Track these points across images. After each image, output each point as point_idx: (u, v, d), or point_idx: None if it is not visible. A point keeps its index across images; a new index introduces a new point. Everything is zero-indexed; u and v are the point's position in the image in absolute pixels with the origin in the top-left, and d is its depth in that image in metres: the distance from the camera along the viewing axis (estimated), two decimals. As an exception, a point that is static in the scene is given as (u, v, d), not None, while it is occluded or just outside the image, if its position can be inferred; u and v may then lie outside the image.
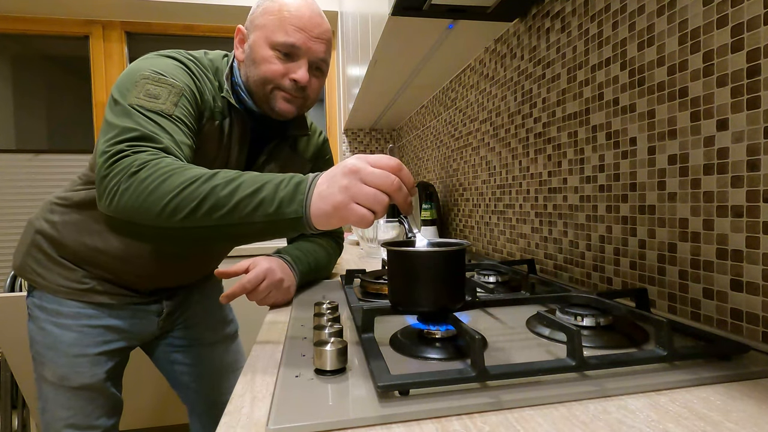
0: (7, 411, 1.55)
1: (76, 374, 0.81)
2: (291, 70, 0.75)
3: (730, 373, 0.40)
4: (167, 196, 0.52)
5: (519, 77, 1.07)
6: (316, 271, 0.89)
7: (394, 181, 0.46)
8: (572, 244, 0.87)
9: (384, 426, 0.34)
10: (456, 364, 0.44)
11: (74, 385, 0.81)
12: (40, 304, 0.82)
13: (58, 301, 0.81)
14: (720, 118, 0.56)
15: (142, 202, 0.53)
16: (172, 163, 0.55)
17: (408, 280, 0.49)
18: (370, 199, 0.46)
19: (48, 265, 0.82)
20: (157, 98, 0.65)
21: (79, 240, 0.80)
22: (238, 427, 0.35)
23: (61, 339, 0.81)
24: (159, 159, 0.56)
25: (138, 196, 0.53)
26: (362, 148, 2.63)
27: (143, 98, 0.64)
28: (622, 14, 0.72)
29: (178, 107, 0.67)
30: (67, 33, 2.37)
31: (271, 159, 0.87)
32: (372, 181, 0.46)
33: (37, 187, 2.33)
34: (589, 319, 0.52)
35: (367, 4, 1.35)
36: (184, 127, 0.67)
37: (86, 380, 0.82)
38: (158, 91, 0.66)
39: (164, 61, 0.71)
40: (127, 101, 0.63)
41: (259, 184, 0.50)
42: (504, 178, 1.17)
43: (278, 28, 0.73)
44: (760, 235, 0.51)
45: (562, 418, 0.34)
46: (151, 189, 0.53)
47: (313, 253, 0.89)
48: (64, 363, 0.81)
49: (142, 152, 0.58)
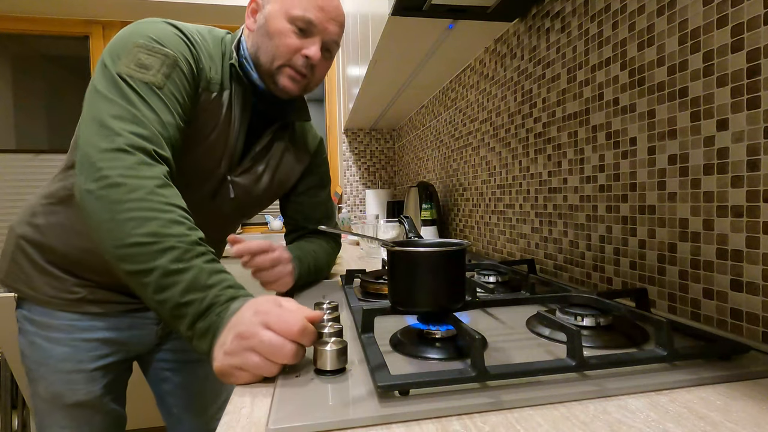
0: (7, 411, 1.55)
1: (71, 391, 0.76)
2: (305, 46, 0.73)
3: (730, 373, 0.40)
4: (124, 239, 0.50)
5: (519, 77, 1.07)
6: (315, 273, 0.88)
7: (286, 353, 0.43)
8: (572, 244, 0.87)
9: (384, 426, 0.34)
10: (456, 364, 0.44)
11: (69, 403, 0.76)
12: (29, 316, 0.77)
13: (48, 313, 0.77)
14: (720, 118, 0.56)
15: (105, 223, 0.52)
16: (147, 196, 0.53)
17: (408, 279, 0.49)
18: (256, 369, 0.43)
19: (34, 275, 0.76)
20: (148, 69, 0.62)
21: (67, 242, 0.75)
22: (238, 427, 0.35)
23: (52, 354, 0.76)
24: (139, 178, 0.54)
25: (104, 213, 0.52)
26: (362, 148, 2.63)
27: (133, 68, 0.61)
28: (622, 14, 0.72)
29: (170, 79, 0.64)
30: (67, 33, 2.37)
31: (272, 143, 0.84)
32: (260, 350, 0.43)
33: (37, 187, 2.33)
34: (589, 319, 0.52)
35: (367, 4, 1.35)
36: (173, 102, 0.64)
37: (81, 397, 0.77)
38: (150, 61, 0.62)
39: (162, 27, 0.67)
40: (116, 68, 0.60)
41: (192, 297, 0.48)
42: (504, 178, 1.17)
43: (298, 2, 0.72)
44: (760, 235, 0.51)
45: (562, 418, 0.34)
46: (117, 220, 0.51)
47: (313, 254, 0.88)
48: (57, 379, 0.76)
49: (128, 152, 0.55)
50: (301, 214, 0.95)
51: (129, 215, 0.51)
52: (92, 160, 0.54)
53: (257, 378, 0.43)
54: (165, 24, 0.68)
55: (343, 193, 2.62)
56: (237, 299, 0.49)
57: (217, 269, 0.52)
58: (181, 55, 0.66)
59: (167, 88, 0.63)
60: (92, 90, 0.60)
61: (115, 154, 0.54)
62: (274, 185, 0.87)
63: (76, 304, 0.77)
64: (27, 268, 0.77)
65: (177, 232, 0.52)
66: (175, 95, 0.64)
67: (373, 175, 2.65)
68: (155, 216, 0.52)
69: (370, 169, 2.65)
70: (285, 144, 0.87)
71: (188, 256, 0.51)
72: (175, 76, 0.65)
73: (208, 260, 0.52)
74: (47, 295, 0.76)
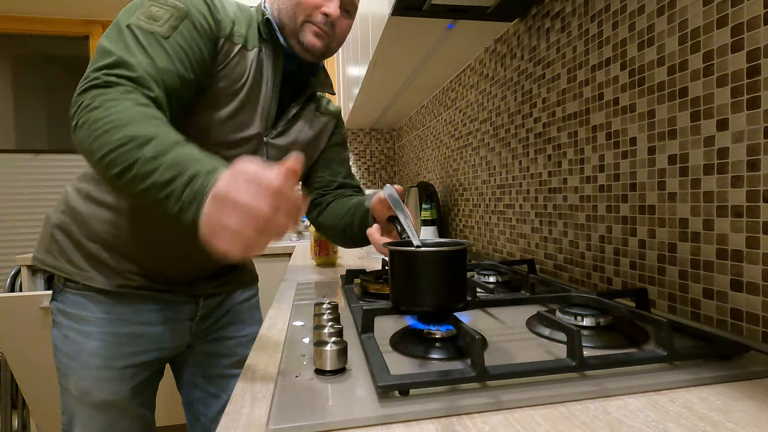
0: (7, 411, 1.55)
1: (99, 389, 0.75)
2: (323, 3, 0.74)
3: (730, 373, 0.40)
4: (105, 147, 0.50)
5: (519, 77, 1.07)
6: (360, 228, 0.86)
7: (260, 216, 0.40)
8: (572, 244, 0.87)
9: (384, 426, 0.34)
10: (456, 364, 0.44)
11: (96, 401, 0.75)
12: (63, 308, 0.77)
13: (82, 304, 0.76)
14: (720, 118, 0.56)
15: (89, 144, 0.52)
16: (126, 109, 0.53)
17: (410, 279, 0.49)
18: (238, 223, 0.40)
19: (72, 251, 0.76)
20: (156, 20, 0.62)
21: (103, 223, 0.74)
22: (238, 427, 0.35)
23: (84, 348, 0.75)
24: (117, 100, 0.53)
25: (87, 136, 0.52)
26: (362, 148, 2.63)
27: (143, 19, 0.61)
28: (622, 14, 0.72)
29: (177, 31, 0.63)
30: (67, 33, 2.37)
31: (303, 109, 0.87)
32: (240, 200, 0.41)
33: (37, 187, 2.34)
34: (589, 319, 0.52)
35: (367, 4, 1.35)
36: (179, 53, 0.63)
37: (108, 396, 0.75)
38: (161, 12, 0.63)
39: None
40: (125, 22, 0.61)
41: (174, 173, 0.47)
42: (504, 178, 1.17)
43: None
44: (760, 235, 0.51)
45: (562, 418, 0.34)
46: (97, 135, 0.51)
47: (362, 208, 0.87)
48: (87, 375, 0.75)
49: (111, 85, 0.55)
50: (328, 169, 0.97)
51: (108, 126, 0.51)
52: (76, 102, 0.55)
53: (240, 240, 0.40)
54: None
55: (343, 193, 2.62)
56: (219, 170, 0.47)
57: (198, 153, 0.50)
58: (193, 7, 0.66)
59: (173, 39, 0.63)
60: (97, 48, 0.61)
61: (96, 90, 0.55)
62: (307, 147, 0.89)
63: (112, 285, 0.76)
64: (65, 244, 0.77)
65: (156, 132, 0.51)
66: (183, 47, 0.64)
67: (373, 175, 2.65)
68: (134, 121, 0.51)
69: (370, 169, 2.65)
70: (314, 111, 0.90)
71: (168, 143, 0.50)
72: (184, 28, 0.64)
73: (189, 148, 0.51)
74: (85, 270, 0.75)
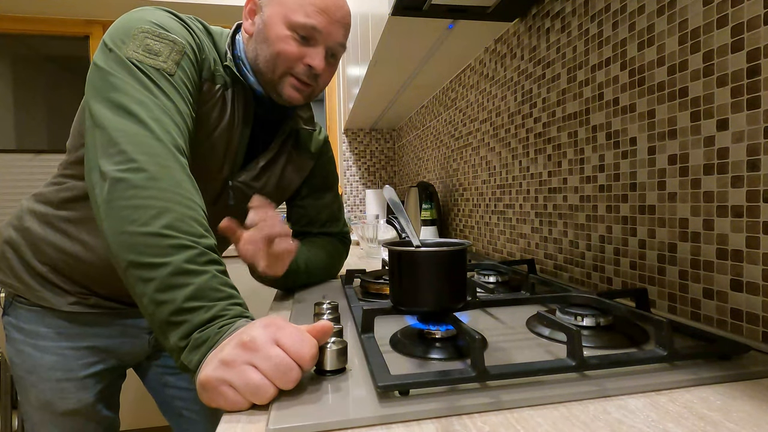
0: (7, 411, 1.55)
1: (62, 400, 0.73)
2: (307, 54, 0.68)
3: (730, 373, 0.40)
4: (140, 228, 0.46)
5: (519, 77, 1.07)
6: (308, 273, 0.84)
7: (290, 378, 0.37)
8: (572, 244, 0.87)
9: (384, 426, 0.34)
10: (456, 364, 0.44)
11: (60, 411, 0.73)
12: (16, 323, 0.74)
13: (36, 319, 0.73)
14: (720, 118, 0.56)
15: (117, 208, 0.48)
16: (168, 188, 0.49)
17: (410, 279, 0.49)
18: (250, 389, 0.37)
19: (22, 271, 0.73)
20: (157, 55, 0.58)
21: (58, 247, 0.71)
22: (238, 427, 0.35)
23: (40, 362, 0.73)
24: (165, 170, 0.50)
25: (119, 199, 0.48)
26: (362, 148, 2.63)
27: (142, 53, 0.57)
28: (622, 14, 0.72)
29: (180, 67, 0.60)
30: (67, 33, 2.37)
31: (278, 153, 0.81)
32: (263, 367, 0.37)
33: (37, 187, 2.33)
34: (589, 319, 0.52)
35: (367, 4, 1.35)
36: (185, 91, 0.60)
37: (72, 405, 0.74)
38: (159, 47, 0.59)
39: (163, 14, 0.63)
40: (124, 53, 0.56)
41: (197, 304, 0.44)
42: (504, 178, 1.17)
43: (299, 7, 0.66)
44: (760, 235, 0.51)
45: (562, 418, 0.34)
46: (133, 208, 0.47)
47: (305, 252, 0.83)
48: (47, 388, 0.73)
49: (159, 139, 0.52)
50: (305, 218, 0.92)
51: (149, 203, 0.47)
52: (116, 141, 0.50)
53: (239, 405, 0.38)
54: (164, 11, 0.64)
55: (343, 193, 2.62)
56: (244, 318, 0.45)
57: (230, 283, 0.48)
58: (187, 44, 0.63)
59: (178, 75, 0.60)
60: (99, 72, 0.56)
61: (143, 139, 0.51)
62: (275, 192, 0.84)
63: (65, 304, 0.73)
64: (14, 262, 0.73)
65: (196, 231, 0.48)
66: (186, 84, 0.61)
67: (373, 175, 2.65)
68: (177, 209, 0.48)
69: (370, 169, 2.65)
70: (289, 151, 0.84)
71: (203, 259, 0.46)
72: (184, 64, 0.61)
73: (221, 270, 0.48)
74: (35, 290, 0.72)
